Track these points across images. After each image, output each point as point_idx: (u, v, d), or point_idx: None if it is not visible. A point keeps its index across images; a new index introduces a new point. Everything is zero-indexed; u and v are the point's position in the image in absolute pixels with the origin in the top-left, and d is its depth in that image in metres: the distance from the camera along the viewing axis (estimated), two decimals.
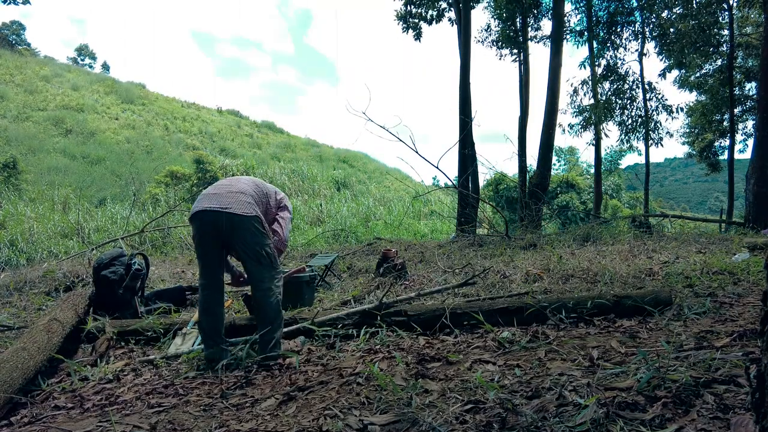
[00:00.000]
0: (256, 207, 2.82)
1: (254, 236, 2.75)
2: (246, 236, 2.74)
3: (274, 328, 2.79)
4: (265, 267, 2.79)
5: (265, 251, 2.78)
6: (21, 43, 44.81)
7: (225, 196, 2.77)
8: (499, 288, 4.22)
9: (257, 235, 2.76)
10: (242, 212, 2.72)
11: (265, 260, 2.79)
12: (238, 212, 2.70)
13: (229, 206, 2.71)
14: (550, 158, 12.24)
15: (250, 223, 2.73)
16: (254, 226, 2.75)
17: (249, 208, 2.76)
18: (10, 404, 2.23)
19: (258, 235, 2.77)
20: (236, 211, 2.71)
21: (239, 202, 2.75)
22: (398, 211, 19.26)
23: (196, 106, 42.27)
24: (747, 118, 17.97)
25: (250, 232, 2.74)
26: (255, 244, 2.76)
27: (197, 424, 2.00)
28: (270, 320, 2.79)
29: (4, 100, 28.83)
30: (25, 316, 4.32)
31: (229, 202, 2.73)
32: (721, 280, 3.85)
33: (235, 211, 2.70)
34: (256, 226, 2.76)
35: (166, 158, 27.46)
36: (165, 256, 8.51)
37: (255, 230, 2.75)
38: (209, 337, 2.80)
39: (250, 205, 2.78)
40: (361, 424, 1.77)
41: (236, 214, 2.70)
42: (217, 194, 2.79)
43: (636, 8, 15.32)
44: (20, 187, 17.28)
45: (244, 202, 2.76)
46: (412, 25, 15.46)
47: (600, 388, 1.82)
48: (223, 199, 2.75)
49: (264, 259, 2.78)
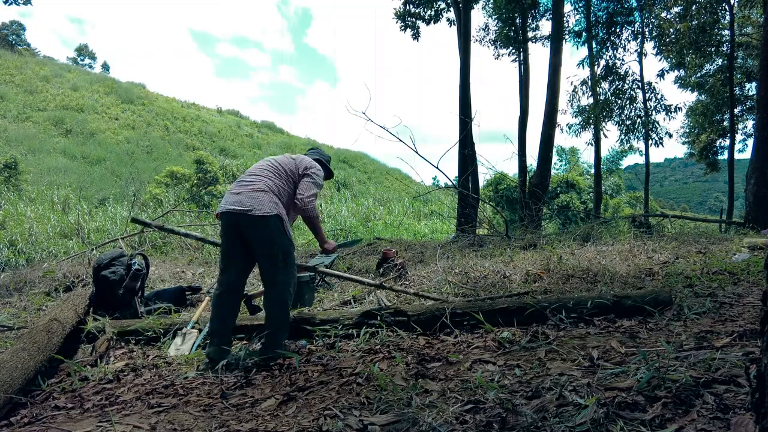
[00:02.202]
0: (278, 204, 2.81)
1: (271, 235, 2.76)
2: (264, 236, 2.75)
3: (280, 330, 2.79)
4: (279, 269, 2.79)
5: (281, 252, 2.78)
6: (21, 43, 44.81)
7: (246, 195, 2.78)
8: (499, 288, 4.22)
9: (275, 235, 2.76)
10: (261, 213, 2.72)
11: (281, 262, 2.78)
12: (257, 213, 2.72)
13: (250, 208, 2.73)
14: (550, 158, 12.23)
15: (267, 224, 2.74)
16: (273, 225, 2.75)
17: (269, 207, 2.76)
18: (10, 404, 2.23)
19: (276, 235, 2.76)
20: (255, 212, 2.72)
21: (260, 202, 2.75)
22: (398, 211, 19.26)
23: (196, 106, 42.29)
24: (747, 118, 17.98)
25: (267, 231, 2.75)
26: (271, 244, 2.76)
27: (197, 424, 2.00)
28: (276, 322, 2.79)
29: (4, 100, 28.84)
30: (25, 317, 4.32)
31: (251, 204, 2.74)
32: (721, 280, 3.84)
33: (254, 213, 2.72)
34: (276, 224, 2.76)
35: (166, 158, 27.49)
36: (165, 256, 8.51)
37: (273, 229, 2.75)
38: (215, 336, 2.80)
39: (270, 204, 2.77)
40: (361, 424, 1.77)
41: (255, 216, 2.71)
42: (239, 193, 2.81)
43: (635, 8, 15.31)
44: (20, 188, 17.28)
45: (264, 201, 2.76)
46: (410, 24, 15.47)
47: (600, 388, 1.82)
48: (244, 199, 2.76)
49: (279, 260, 2.78)
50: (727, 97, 15.52)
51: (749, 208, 8.86)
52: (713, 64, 16.94)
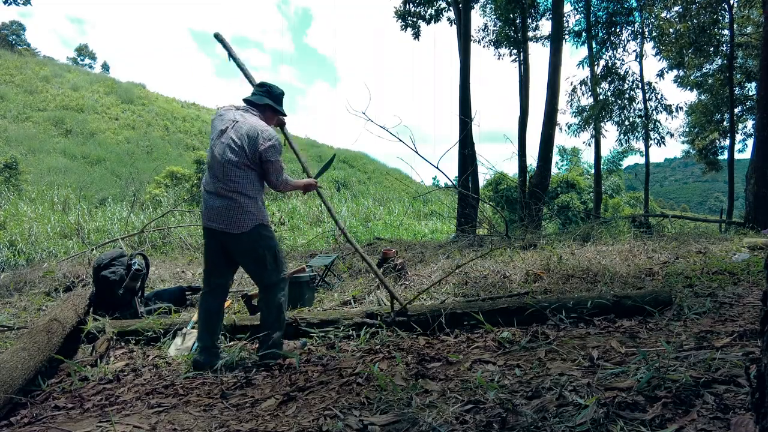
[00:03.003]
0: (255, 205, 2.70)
1: (255, 244, 2.72)
2: (246, 246, 2.72)
3: (275, 330, 2.79)
4: (268, 270, 2.77)
5: (268, 254, 2.75)
6: (21, 43, 44.82)
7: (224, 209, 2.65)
8: (499, 288, 4.22)
9: (258, 243, 2.72)
10: (241, 230, 2.67)
11: (269, 263, 2.76)
12: (237, 231, 2.67)
13: (228, 227, 2.66)
14: (550, 158, 12.22)
15: (250, 237, 2.69)
16: (255, 236, 2.70)
17: (249, 220, 2.67)
18: (10, 404, 2.23)
19: (260, 241, 2.73)
20: (235, 230, 2.66)
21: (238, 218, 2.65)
22: (398, 211, 19.26)
23: (196, 106, 42.29)
24: (747, 118, 17.97)
25: (250, 242, 2.71)
26: (255, 251, 2.73)
27: (197, 424, 2.00)
28: (270, 323, 2.79)
29: (4, 100, 28.85)
30: (25, 316, 4.32)
31: (230, 221, 2.66)
32: (721, 280, 3.85)
33: (234, 231, 2.67)
34: (258, 233, 2.71)
35: (166, 158, 27.49)
36: (165, 256, 8.51)
37: (256, 239, 2.71)
38: (201, 340, 2.80)
39: (249, 215, 2.67)
40: (361, 424, 1.77)
41: (235, 233, 2.67)
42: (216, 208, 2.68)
43: (636, 8, 15.31)
44: (20, 188, 17.28)
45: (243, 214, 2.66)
46: (410, 23, 15.47)
47: (600, 388, 1.82)
48: (223, 213, 2.66)
49: (267, 262, 2.76)
50: (727, 97, 15.51)
51: (749, 208, 8.86)
52: (713, 63, 16.94)
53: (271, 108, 2.94)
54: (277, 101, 2.98)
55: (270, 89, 2.97)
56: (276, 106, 2.96)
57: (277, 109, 2.98)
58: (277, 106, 2.97)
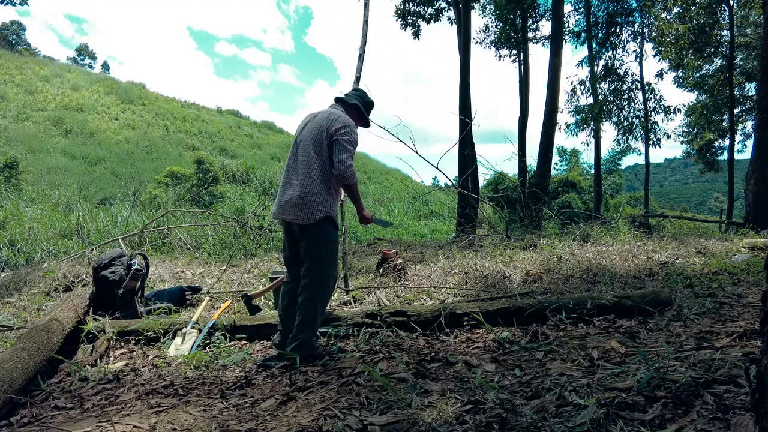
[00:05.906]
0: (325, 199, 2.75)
1: (323, 237, 2.77)
2: (313, 239, 2.77)
3: (307, 328, 2.74)
4: (315, 266, 2.77)
5: (322, 251, 2.77)
6: (21, 43, 44.86)
7: (292, 204, 2.74)
8: (499, 288, 4.22)
9: (320, 235, 2.76)
10: (310, 221, 2.73)
11: (325, 259, 2.78)
12: (303, 222, 2.74)
13: (296, 217, 2.74)
14: (550, 158, 12.23)
15: (319, 228, 2.75)
16: (324, 227, 2.76)
17: (318, 211, 2.73)
18: (10, 404, 2.23)
19: (322, 234, 2.77)
20: (301, 221, 2.74)
21: (308, 209, 2.72)
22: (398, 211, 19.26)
23: (196, 106, 42.28)
24: (747, 118, 17.97)
25: (320, 233, 2.76)
26: (318, 245, 2.77)
27: (197, 424, 2.00)
28: (303, 321, 2.75)
29: (4, 100, 28.84)
30: (25, 317, 4.31)
31: (299, 212, 2.73)
32: (721, 280, 3.85)
33: (300, 221, 2.74)
34: (326, 226, 2.77)
35: (166, 158, 27.49)
36: (165, 256, 8.50)
37: (325, 231, 2.77)
38: (283, 324, 2.86)
39: (318, 207, 2.73)
40: (361, 424, 1.77)
41: (305, 224, 2.74)
42: (287, 200, 2.77)
43: (636, 9, 15.31)
44: (20, 188, 17.28)
45: (312, 206, 2.72)
46: (410, 22, 15.47)
47: (600, 388, 1.82)
48: (295, 204, 2.74)
49: (318, 259, 2.77)
50: (727, 97, 15.51)
51: (749, 209, 8.86)
52: (712, 64, 16.94)
53: (358, 109, 3.02)
54: (366, 107, 3.08)
55: (363, 95, 3.10)
56: (363, 109, 3.05)
57: (363, 114, 3.06)
58: (364, 111, 3.07)
